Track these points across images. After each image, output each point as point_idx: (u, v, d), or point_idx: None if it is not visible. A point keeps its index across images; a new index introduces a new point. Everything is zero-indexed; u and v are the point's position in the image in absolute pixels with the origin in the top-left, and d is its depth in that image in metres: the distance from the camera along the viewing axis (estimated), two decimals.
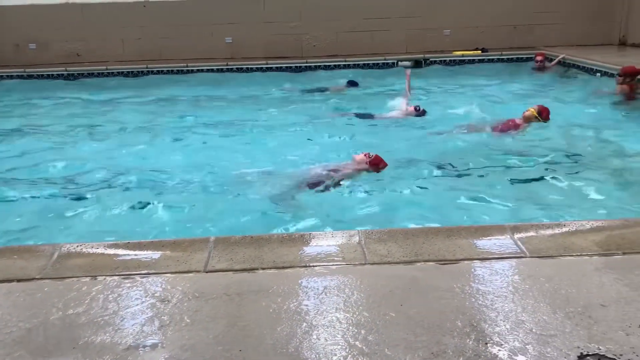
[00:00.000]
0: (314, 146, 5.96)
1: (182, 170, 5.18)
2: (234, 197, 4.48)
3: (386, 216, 4.01)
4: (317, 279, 2.46)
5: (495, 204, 4.25)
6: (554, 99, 7.79)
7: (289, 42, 11.71)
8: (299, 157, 5.44)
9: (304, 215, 4.03)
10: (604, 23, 11.80)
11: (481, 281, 2.43)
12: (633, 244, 2.68)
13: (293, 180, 4.71)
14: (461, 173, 4.97)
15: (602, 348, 1.93)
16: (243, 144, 6.24)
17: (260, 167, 5.15)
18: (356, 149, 5.19)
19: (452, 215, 4.01)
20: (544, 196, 4.38)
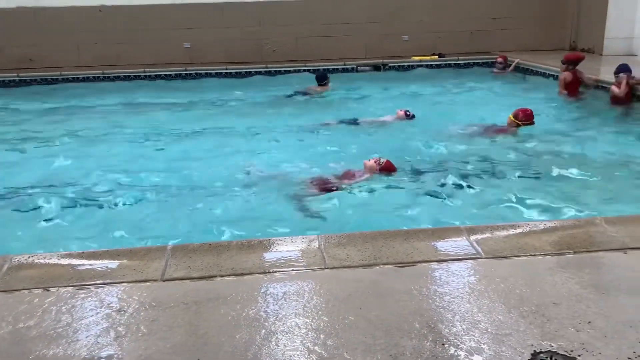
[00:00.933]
0: (308, 151, 5.93)
1: (145, 177, 5.10)
2: (202, 204, 4.46)
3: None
4: (276, 285, 2.45)
5: (457, 206, 4.33)
6: (510, 102, 7.98)
7: (248, 47, 11.66)
8: (300, 163, 5.41)
9: (310, 222, 4.03)
10: (556, 29, 12.16)
11: (438, 283, 2.46)
12: (584, 243, 2.77)
13: (304, 187, 4.70)
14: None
15: (554, 345, 1.98)
16: (224, 149, 6.16)
17: (246, 172, 5.18)
18: (368, 155, 5.15)
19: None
20: (501, 198, 4.47)
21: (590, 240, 2.78)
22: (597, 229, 2.92)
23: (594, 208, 3.96)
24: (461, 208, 4.26)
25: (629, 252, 2.68)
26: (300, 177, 4.95)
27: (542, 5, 12.00)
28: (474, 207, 4.27)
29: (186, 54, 11.58)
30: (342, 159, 5.44)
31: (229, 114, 8.14)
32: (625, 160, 5.28)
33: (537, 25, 12.06)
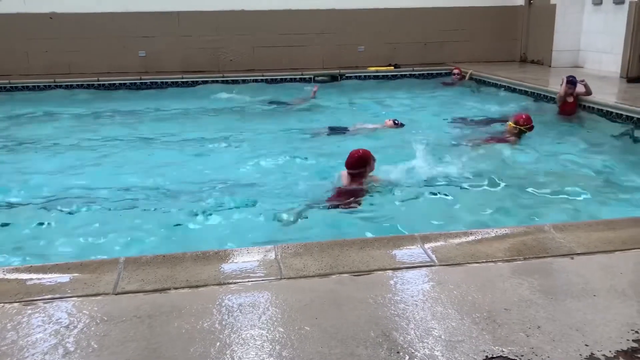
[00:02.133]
0: (300, 161, 5.86)
1: (99, 188, 4.98)
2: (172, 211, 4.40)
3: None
4: (232, 297, 2.43)
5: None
6: (463, 110, 8.19)
7: (205, 56, 11.60)
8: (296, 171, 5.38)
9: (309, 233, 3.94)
10: (507, 41, 12.54)
11: (393, 291, 2.49)
12: (533, 249, 2.84)
13: (315, 197, 4.57)
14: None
15: (505, 350, 2.03)
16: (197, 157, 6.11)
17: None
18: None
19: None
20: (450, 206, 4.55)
21: (539, 247, 2.87)
22: (545, 235, 3.00)
23: (544, 214, 4.09)
24: (420, 216, 4.32)
25: (576, 257, 2.77)
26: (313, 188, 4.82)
27: (494, 18, 12.37)
28: (433, 215, 4.34)
29: (141, 62, 11.43)
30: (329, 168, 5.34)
31: (197, 122, 8.08)
32: (569, 166, 5.48)
33: (489, 37, 12.42)
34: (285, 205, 4.43)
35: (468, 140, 6.47)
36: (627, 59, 9.74)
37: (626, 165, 5.56)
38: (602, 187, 4.90)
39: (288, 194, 4.77)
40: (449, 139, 6.64)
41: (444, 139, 6.63)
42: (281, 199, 4.63)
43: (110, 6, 11.09)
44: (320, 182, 4.96)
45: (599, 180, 5.06)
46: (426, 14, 12.12)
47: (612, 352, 2.01)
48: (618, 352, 2.01)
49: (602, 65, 10.54)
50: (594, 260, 2.75)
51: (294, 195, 4.69)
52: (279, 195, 4.73)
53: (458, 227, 3.85)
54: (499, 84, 9.92)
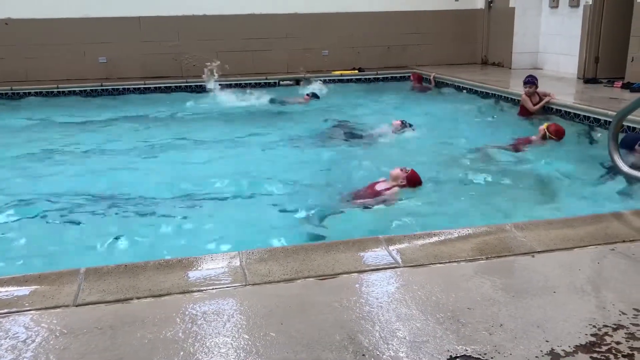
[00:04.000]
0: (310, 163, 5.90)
1: (61, 197, 4.87)
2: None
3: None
4: (196, 305, 2.40)
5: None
6: (425, 114, 8.29)
7: (167, 61, 11.46)
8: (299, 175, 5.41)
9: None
10: (468, 44, 12.76)
11: (359, 293, 2.49)
12: (495, 248, 2.89)
13: (333, 196, 4.72)
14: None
15: (468, 349, 2.05)
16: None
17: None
18: (393, 165, 5.08)
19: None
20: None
21: (501, 246, 2.91)
22: (507, 234, 3.06)
23: (506, 214, 4.17)
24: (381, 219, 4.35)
25: (536, 255, 2.83)
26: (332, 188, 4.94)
27: (455, 21, 12.56)
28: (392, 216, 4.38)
29: (102, 69, 11.23)
30: (343, 172, 5.47)
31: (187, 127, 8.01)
32: (529, 166, 5.60)
33: (450, 40, 12.61)
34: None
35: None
36: (583, 61, 10.03)
37: (584, 163, 5.71)
38: (560, 186, 5.02)
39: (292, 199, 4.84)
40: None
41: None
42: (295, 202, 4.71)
43: (69, 12, 10.87)
44: (335, 187, 5.09)
45: (557, 179, 5.17)
46: (389, 18, 12.24)
47: (572, 347, 2.05)
48: (577, 346, 2.06)
49: (560, 67, 10.81)
50: (554, 257, 2.81)
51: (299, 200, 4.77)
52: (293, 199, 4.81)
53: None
54: (461, 86, 10.08)
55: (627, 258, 2.78)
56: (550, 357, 2.00)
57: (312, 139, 7.10)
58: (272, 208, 4.61)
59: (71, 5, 10.86)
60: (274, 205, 4.67)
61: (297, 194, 4.96)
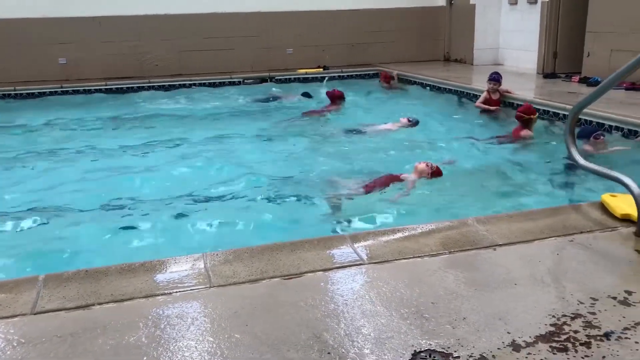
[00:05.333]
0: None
1: (24, 201, 4.76)
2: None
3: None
4: (159, 309, 2.37)
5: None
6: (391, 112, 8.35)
7: (129, 61, 11.27)
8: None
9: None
10: (431, 41, 12.90)
11: (324, 292, 2.50)
12: (457, 242, 2.93)
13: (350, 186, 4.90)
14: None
15: (432, 343, 2.08)
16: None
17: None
18: (419, 159, 5.26)
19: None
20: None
21: (463, 240, 2.96)
22: (469, 228, 3.10)
23: (467, 208, 4.24)
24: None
25: (498, 248, 2.88)
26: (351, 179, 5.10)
27: (417, 19, 12.68)
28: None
29: (62, 70, 10.98)
30: (354, 168, 5.57)
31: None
32: (493, 163, 5.70)
33: (413, 38, 12.73)
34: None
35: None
36: (542, 56, 10.25)
37: (544, 156, 5.84)
38: (520, 179, 5.12)
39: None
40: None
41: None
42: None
43: (27, 12, 10.58)
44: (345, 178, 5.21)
45: (517, 172, 5.28)
46: (352, 15, 12.28)
47: (532, 338, 2.10)
48: (537, 337, 2.10)
49: (520, 62, 11.02)
50: (515, 250, 2.86)
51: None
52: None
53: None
54: (424, 83, 10.18)
55: (585, 249, 2.86)
56: (511, 348, 2.04)
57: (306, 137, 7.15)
58: (256, 205, 4.64)
59: (28, 6, 10.57)
60: (259, 201, 4.71)
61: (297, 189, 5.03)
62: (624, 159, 5.47)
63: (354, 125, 7.44)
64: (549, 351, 2.01)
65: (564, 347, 2.03)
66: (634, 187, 2.96)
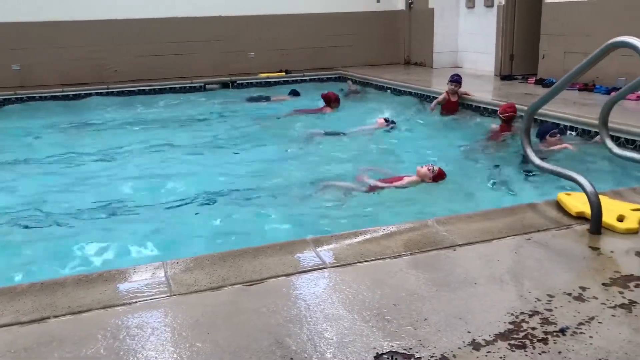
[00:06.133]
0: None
1: None
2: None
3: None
4: (118, 320, 2.32)
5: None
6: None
7: (87, 67, 11.05)
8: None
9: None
10: (391, 44, 13.04)
11: (286, 297, 2.49)
12: (418, 244, 2.96)
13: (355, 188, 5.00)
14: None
15: (394, 345, 2.09)
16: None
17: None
18: (420, 162, 5.28)
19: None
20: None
21: (424, 241, 2.99)
22: (430, 229, 3.14)
23: (428, 210, 4.29)
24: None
25: (458, 248, 2.92)
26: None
27: (378, 22, 12.81)
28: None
29: (16, 76, 10.69)
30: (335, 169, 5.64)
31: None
32: (450, 160, 5.80)
33: (374, 41, 12.85)
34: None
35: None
36: (499, 59, 10.47)
37: (502, 157, 5.96)
38: (480, 179, 5.21)
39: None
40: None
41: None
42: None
43: None
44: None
45: (477, 172, 5.37)
46: (313, 19, 12.33)
47: (492, 336, 2.13)
48: (497, 335, 2.14)
49: (478, 65, 11.24)
50: (474, 250, 2.91)
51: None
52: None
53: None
54: (385, 86, 10.28)
55: (542, 247, 2.92)
56: (472, 347, 2.06)
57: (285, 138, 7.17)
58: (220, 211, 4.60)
59: None
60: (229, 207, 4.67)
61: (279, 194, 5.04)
62: (578, 157, 5.63)
63: (333, 128, 7.48)
64: (508, 349, 2.05)
65: (522, 344, 2.07)
66: (587, 186, 3.04)
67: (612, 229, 3.06)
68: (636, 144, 5.50)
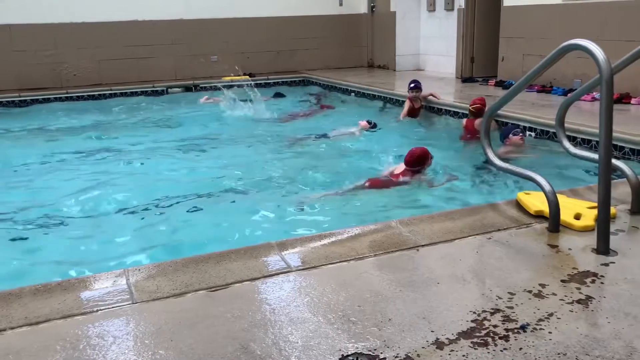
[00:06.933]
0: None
1: None
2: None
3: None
4: (78, 330, 2.26)
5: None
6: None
7: (44, 72, 10.80)
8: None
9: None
10: (355, 48, 13.13)
11: (251, 302, 2.47)
12: (382, 245, 2.98)
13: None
14: None
15: (359, 346, 2.10)
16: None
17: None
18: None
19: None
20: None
21: (388, 242, 3.01)
22: (393, 231, 3.17)
23: (390, 210, 4.33)
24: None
25: (421, 249, 2.95)
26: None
27: (341, 26, 12.89)
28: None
29: None
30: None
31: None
32: None
33: (338, 44, 12.92)
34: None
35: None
36: (460, 61, 10.65)
37: (464, 157, 6.05)
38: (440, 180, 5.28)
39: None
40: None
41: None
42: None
43: None
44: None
45: (439, 173, 5.44)
46: (276, 23, 12.32)
47: (454, 335, 2.16)
48: (459, 333, 2.17)
49: (440, 68, 11.41)
50: (437, 250, 2.94)
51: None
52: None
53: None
54: (349, 89, 10.33)
55: (502, 245, 2.98)
56: (435, 346, 2.09)
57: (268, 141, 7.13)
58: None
59: None
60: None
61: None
62: (538, 157, 5.77)
63: (316, 131, 7.51)
64: (471, 347, 2.08)
65: (484, 342, 2.11)
66: (545, 185, 3.12)
67: (569, 227, 3.14)
68: (592, 144, 5.66)
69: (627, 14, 7.46)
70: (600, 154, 2.81)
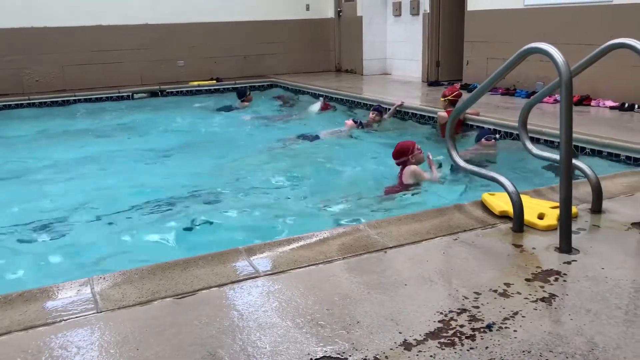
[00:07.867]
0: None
1: None
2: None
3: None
4: (40, 341, 2.21)
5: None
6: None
7: (5, 77, 10.55)
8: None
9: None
10: (322, 52, 13.18)
11: (219, 308, 2.45)
12: (351, 248, 2.99)
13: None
14: None
15: (327, 350, 2.10)
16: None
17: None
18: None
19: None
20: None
21: (356, 245, 3.02)
22: (361, 233, 3.18)
23: (360, 214, 4.36)
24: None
25: (389, 251, 2.97)
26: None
27: (309, 30, 12.93)
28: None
29: None
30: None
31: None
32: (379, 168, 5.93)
33: (305, 49, 12.95)
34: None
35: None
36: (426, 65, 10.78)
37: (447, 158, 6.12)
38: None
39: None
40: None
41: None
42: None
43: None
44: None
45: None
46: (243, 27, 12.28)
47: (422, 335, 2.18)
48: (427, 334, 2.19)
49: (406, 72, 11.53)
50: (404, 251, 2.97)
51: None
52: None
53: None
54: (317, 94, 10.35)
55: (468, 246, 3.02)
56: (403, 348, 2.10)
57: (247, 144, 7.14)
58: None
59: None
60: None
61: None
62: (502, 159, 5.87)
63: (305, 132, 7.51)
64: (438, 347, 2.10)
65: (451, 342, 2.13)
66: (508, 186, 3.17)
67: (533, 227, 3.21)
68: (555, 144, 5.78)
69: (588, 17, 7.67)
70: (561, 155, 2.87)
